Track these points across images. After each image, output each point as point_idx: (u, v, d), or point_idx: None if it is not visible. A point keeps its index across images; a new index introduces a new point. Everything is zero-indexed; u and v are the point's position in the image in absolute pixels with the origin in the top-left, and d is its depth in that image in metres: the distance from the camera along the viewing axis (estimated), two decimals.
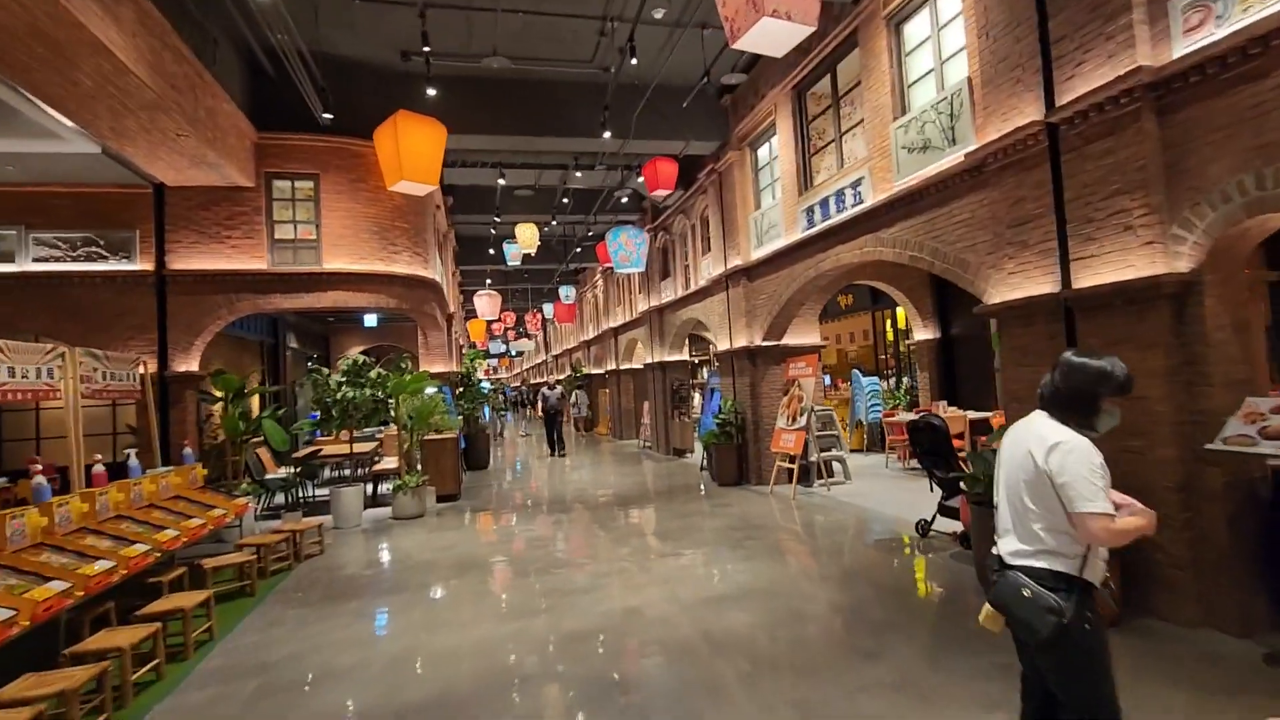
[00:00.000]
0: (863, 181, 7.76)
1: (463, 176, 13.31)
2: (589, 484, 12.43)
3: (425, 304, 10.52)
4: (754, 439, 10.92)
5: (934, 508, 6.96)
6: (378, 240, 9.69)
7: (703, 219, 13.50)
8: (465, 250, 20.73)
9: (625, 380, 20.73)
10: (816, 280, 9.17)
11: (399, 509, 9.58)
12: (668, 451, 15.97)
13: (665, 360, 15.87)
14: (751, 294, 10.97)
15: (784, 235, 9.72)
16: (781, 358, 10.76)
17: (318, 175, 9.39)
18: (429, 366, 14.31)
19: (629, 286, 19.64)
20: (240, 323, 13.08)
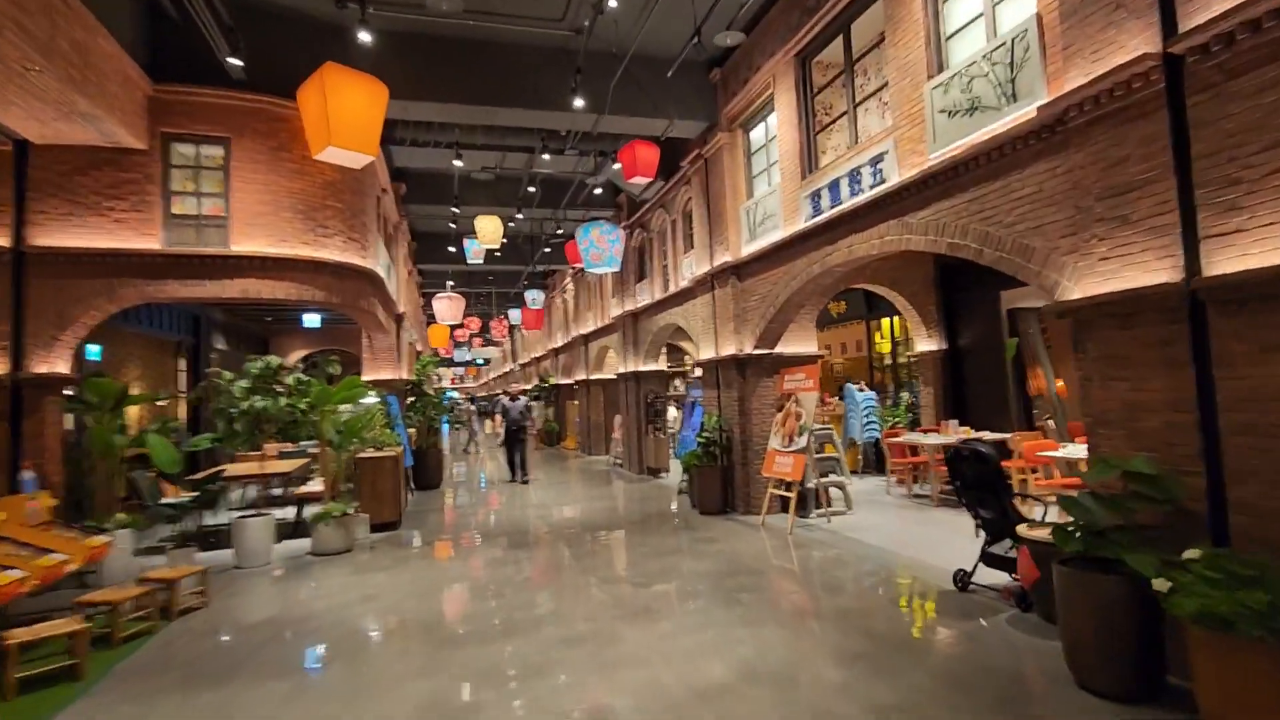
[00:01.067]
0: (885, 157, 6.47)
1: (414, 157, 11.78)
2: (552, 509, 10.89)
3: (361, 298, 8.93)
4: (742, 461, 9.53)
5: (969, 550, 5.63)
6: (303, 220, 8.10)
7: (685, 213, 12.15)
8: (424, 248, 19.11)
9: (595, 391, 19.25)
10: (821, 278, 7.85)
11: (320, 543, 7.95)
12: (641, 470, 14.51)
13: (640, 370, 14.44)
14: (742, 295, 9.62)
15: (782, 226, 8.40)
16: (775, 369, 9.41)
17: (229, 140, 7.78)
18: (374, 373, 12.66)
19: (601, 290, 18.21)
20: (154, 319, 11.35)
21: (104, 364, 11.90)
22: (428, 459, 13.65)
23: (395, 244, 13.45)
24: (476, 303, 28.24)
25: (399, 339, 13.10)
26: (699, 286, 10.81)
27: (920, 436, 9.95)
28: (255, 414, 7.37)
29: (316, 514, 7.90)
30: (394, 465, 9.44)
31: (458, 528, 9.73)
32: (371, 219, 9.51)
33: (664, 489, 12.45)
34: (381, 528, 9.33)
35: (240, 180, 7.78)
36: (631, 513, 10.32)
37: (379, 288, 9.82)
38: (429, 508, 11.43)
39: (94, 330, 11.89)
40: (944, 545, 7.07)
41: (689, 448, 11.48)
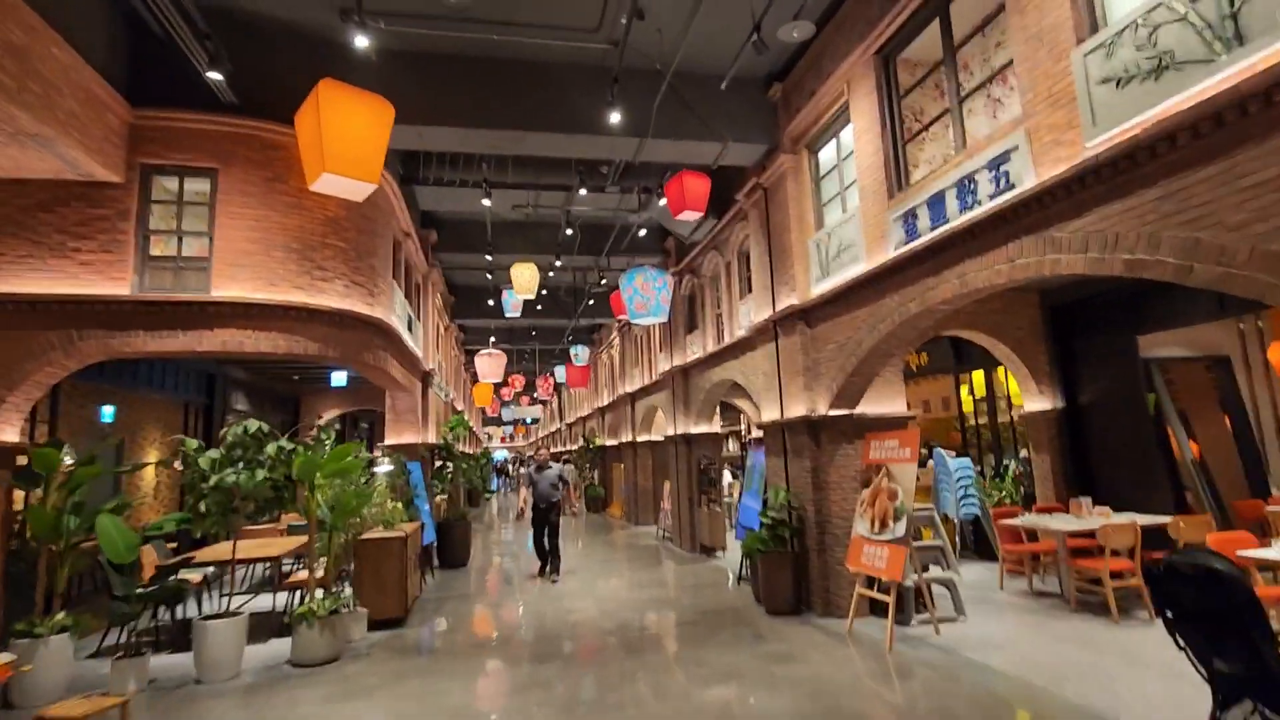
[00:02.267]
0: (1012, 156, 4.89)
1: (443, 200, 10.79)
2: (589, 600, 9.18)
3: (366, 352, 7.70)
4: (818, 547, 7.70)
5: (1161, 692, 3.72)
6: (298, 261, 7.00)
7: (741, 254, 10.72)
8: (464, 303, 18.22)
9: (643, 454, 17.63)
10: (918, 320, 6.21)
11: (300, 649, 6.48)
12: (693, 548, 12.67)
13: (690, 433, 12.80)
14: (812, 344, 8.00)
15: (864, 258, 6.84)
16: (858, 433, 7.68)
17: (216, 171, 6.81)
18: (396, 436, 11.45)
19: (648, 344, 16.82)
20: (155, 377, 10.45)
21: (116, 427, 11.07)
22: (454, 533, 12.21)
23: (424, 295, 12.43)
24: (520, 360, 27.31)
25: (425, 398, 11.91)
26: (759, 336, 9.24)
27: (1043, 519, 7.93)
28: (227, 490, 6.07)
29: (298, 612, 6.46)
30: (401, 548, 7.99)
31: (474, 628, 8.12)
32: (384, 263, 8.40)
33: (719, 573, 10.59)
34: (383, 624, 7.82)
35: (227, 216, 6.75)
36: (683, 608, 8.52)
37: (392, 341, 8.62)
38: (448, 593, 9.88)
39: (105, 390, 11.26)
40: (1119, 680, 5.09)
41: (749, 520, 9.70)
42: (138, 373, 10.38)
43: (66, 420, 10.06)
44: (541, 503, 10.33)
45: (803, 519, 7.98)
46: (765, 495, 8.79)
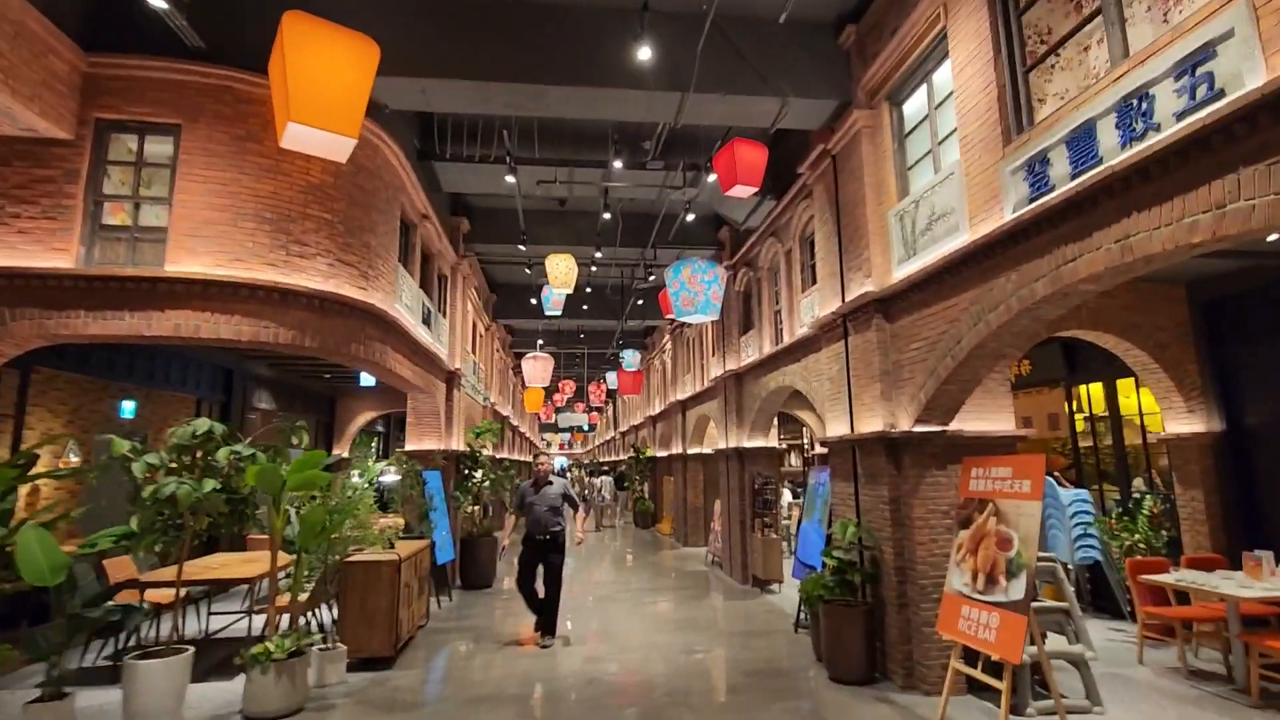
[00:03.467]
0: (1219, 50, 3.23)
1: (467, 179, 9.66)
2: (621, 642, 7.77)
3: (355, 343, 6.58)
4: (898, 599, 6.05)
5: None
6: (270, 234, 5.94)
7: (804, 238, 9.15)
8: (505, 301, 17.25)
9: (693, 469, 16.14)
10: (1043, 307, 4.55)
11: (252, 699, 5.34)
12: (744, 579, 11.08)
13: (744, 446, 11.24)
14: (893, 343, 6.39)
15: (966, 227, 5.22)
16: (951, 456, 6.02)
17: (179, 127, 5.83)
18: (417, 442, 10.40)
19: (700, 347, 15.35)
20: (172, 371, 9.72)
21: (137, 423, 10.48)
22: (478, 551, 11.05)
23: (452, 288, 11.39)
24: (571, 365, 26.28)
25: (449, 401, 10.83)
26: (824, 334, 7.67)
27: (1206, 579, 6.02)
28: (163, 504, 5.01)
29: (250, 653, 5.33)
30: (392, 574, 6.82)
31: (476, 676, 6.83)
32: (386, 243, 7.29)
33: (774, 614, 8.99)
34: (368, 665, 6.65)
35: (189, 179, 5.76)
36: (727, 664, 7.00)
37: (394, 333, 7.50)
38: (459, 622, 8.67)
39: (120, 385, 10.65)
40: None
41: (809, 555, 8.10)
42: (154, 366, 9.70)
43: (79, 416, 9.47)
44: (537, 533, 7.28)
45: (878, 562, 6.34)
46: (831, 529, 7.18)
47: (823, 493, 8.25)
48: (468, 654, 7.38)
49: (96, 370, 8.99)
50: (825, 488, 8.16)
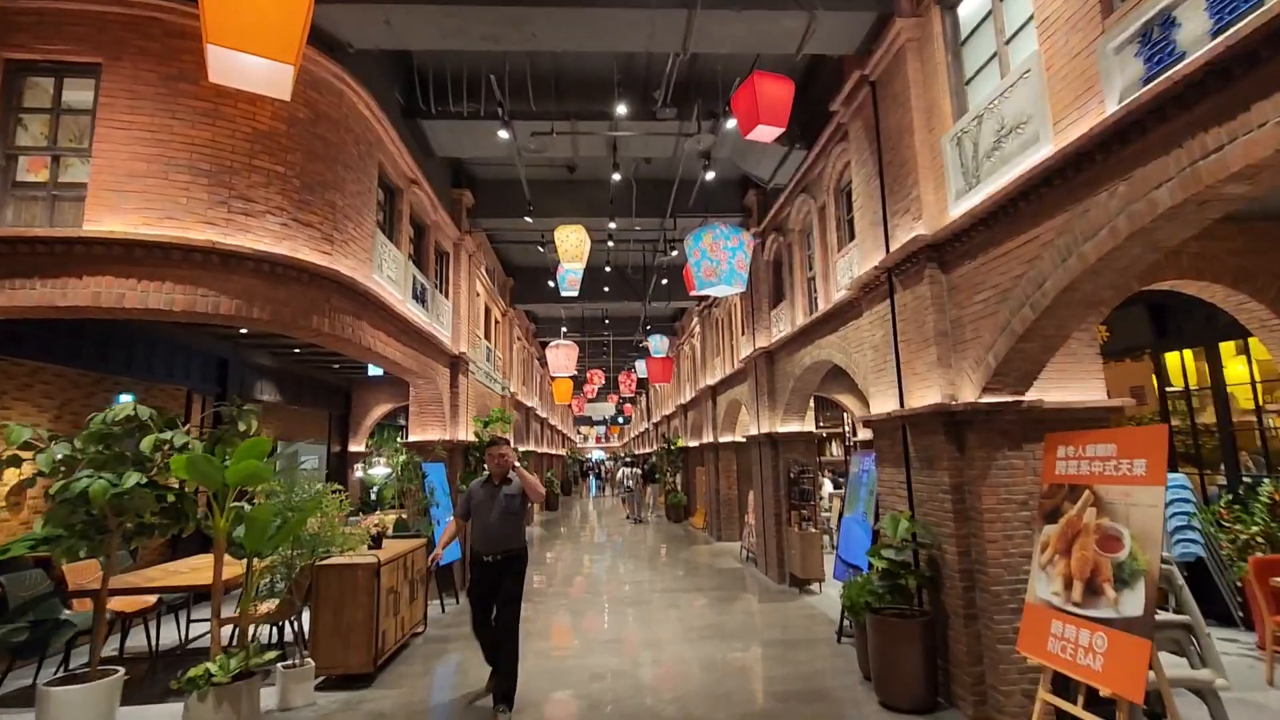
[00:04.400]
0: None
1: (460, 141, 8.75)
2: (642, 654, 6.81)
3: (318, 316, 5.73)
4: (964, 610, 4.92)
5: None
6: (209, 188, 5.12)
7: (839, 190, 8.00)
8: (524, 286, 16.41)
9: (726, 457, 15.07)
10: (1158, 229, 3.39)
11: None
12: (780, 578, 10.00)
13: (777, 431, 10.14)
14: (951, 296, 5.25)
15: (1049, 135, 4.05)
16: (1028, 433, 4.87)
17: (99, 66, 5.04)
18: (420, 433, 9.60)
19: (728, 327, 14.25)
20: (160, 360, 9.10)
21: None
22: None
23: (455, 266, 10.55)
24: (599, 354, 25.40)
25: (454, 388, 10.01)
26: (865, 295, 6.53)
27: None
28: (76, 500, 4.23)
29: (188, 676, 4.52)
30: (370, 580, 5.98)
31: (470, 694, 5.95)
32: (358, 204, 6.43)
33: (814, 620, 7.90)
34: (343, 683, 5.83)
35: (112, 126, 4.97)
36: (765, 682, 5.97)
37: (371, 308, 6.64)
38: (461, 630, 7.80)
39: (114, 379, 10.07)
40: None
41: (852, 554, 7.00)
42: (134, 355, 9.10)
43: (68, 411, 8.91)
44: (486, 551, 5.25)
45: (937, 564, 5.22)
46: (878, 524, 6.07)
47: (867, 481, 7.13)
48: (463, 667, 6.51)
49: (92, 363, 8.43)
50: (870, 475, 7.04)
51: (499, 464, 5.38)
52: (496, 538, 5.25)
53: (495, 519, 5.26)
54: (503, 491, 5.34)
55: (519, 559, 5.36)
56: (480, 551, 5.28)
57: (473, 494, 5.44)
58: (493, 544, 5.24)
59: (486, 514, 5.27)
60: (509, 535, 5.30)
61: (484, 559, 5.25)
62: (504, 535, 5.27)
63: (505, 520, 5.28)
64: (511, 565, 5.28)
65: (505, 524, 5.28)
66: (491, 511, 5.28)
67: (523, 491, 5.37)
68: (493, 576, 5.24)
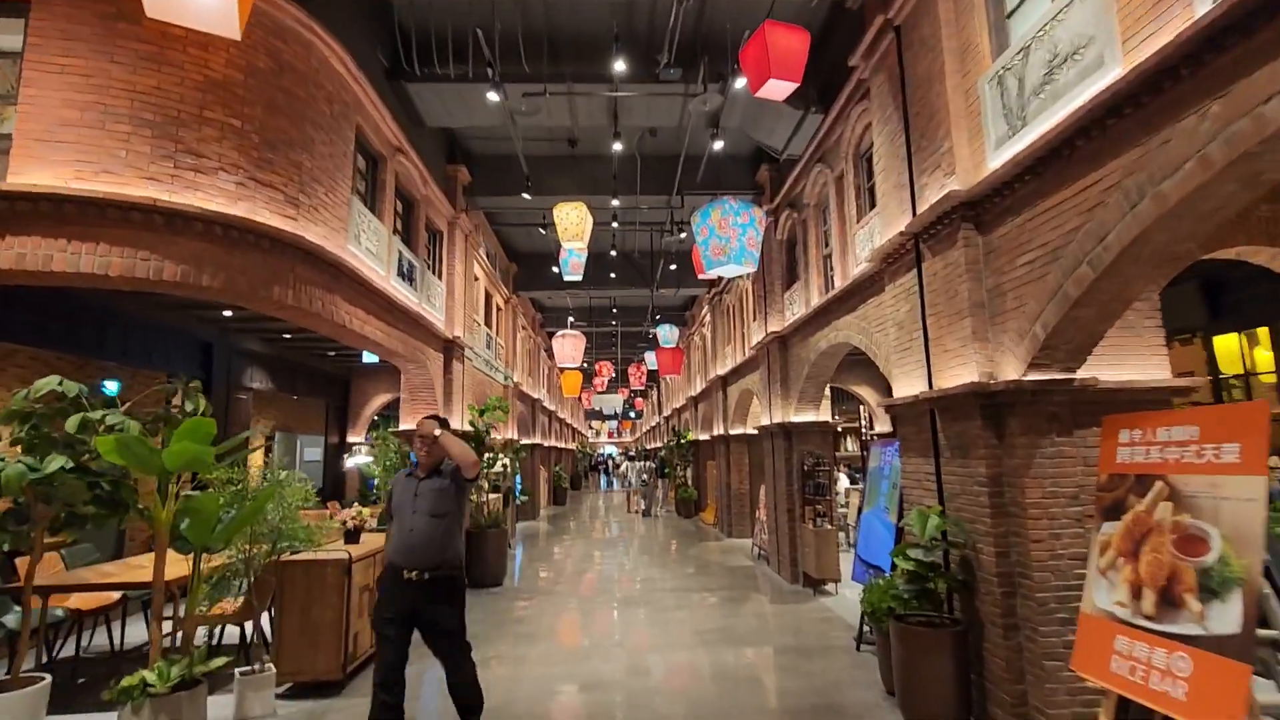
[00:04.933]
0: None
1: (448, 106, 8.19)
2: (639, 662, 6.23)
3: (282, 287, 5.19)
4: (1003, 619, 4.28)
5: None
6: (152, 140, 4.60)
7: (858, 156, 7.34)
8: (528, 273, 15.86)
9: (737, 451, 14.44)
10: (1265, 154, 2.72)
11: None
12: (794, 577, 9.38)
13: (790, 421, 9.51)
14: (989, 261, 4.59)
15: (1116, 56, 3.39)
16: (1081, 415, 4.22)
17: (27, 4, 4.51)
18: (410, 421, 9.08)
19: (740, 314, 13.60)
20: (120, 341, 8.61)
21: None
22: (485, 544, 9.69)
23: (450, 246, 10.00)
24: (609, 345, 24.85)
25: (448, 374, 9.48)
26: (888, 266, 5.88)
27: None
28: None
29: (121, 686, 4.00)
30: (340, 577, 5.45)
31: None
32: (328, 166, 5.89)
33: (830, 625, 7.28)
34: (309, 691, 5.31)
35: (42, 69, 4.45)
36: (775, 696, 5.37)
37: (343, 280, 6.09)
38: None
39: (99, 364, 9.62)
40: None
41: (873, 553, 6.37)
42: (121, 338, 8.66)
43: (45, 397, 8.49)
44: (406, 565, 3.88)
45: (971, 566, 4.59)
46: (903, 520, 5.42)
47: (889, 473, 6.48)
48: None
49: (71, 345, 8.01)
50: (892, 467, 6.40)
51: (421, 443, 4.04)
52: (419, 547, 3.85)
53: (417, 522, 3.90)
54: (428, 484, 3.99)
55: (450, 582, 3.92)
56: (396, 564, 3.89)
57: (394, 487, 4.16)
58: (414, 556, 3.85)
59: (407, 514, 3.95)
60: (437, 544, 3.87)
61: (402, 575, 3.84)
62: (429, 544, 3.85)
63: (431, 524, 3.89)
64: (441, 588, 3.87)
65: (432, 529, 3.88)
66: (414, 509, 3.93)
67: (456, 481, 4.01)
68: (412, 600, 3.83)
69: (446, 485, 4.00)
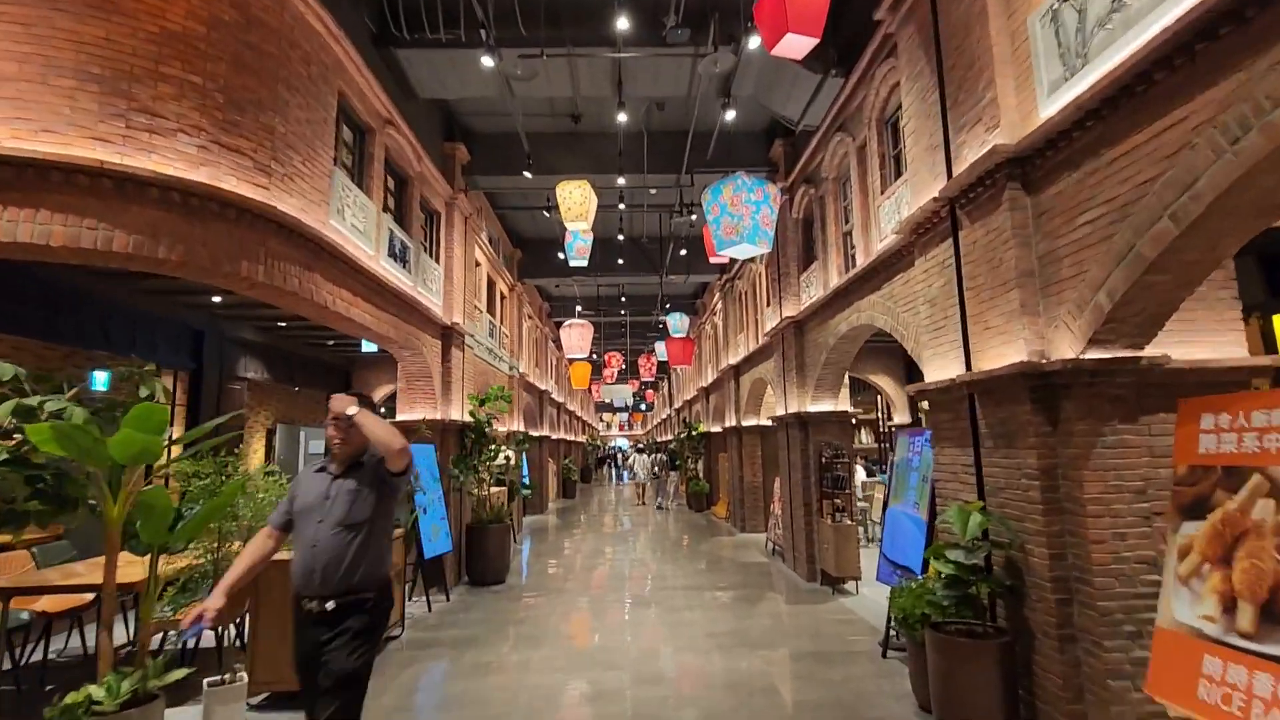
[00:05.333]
0: None
1: (440, 76, 7.70)
2: (643, 669, 5.77)
3: (251, 262, 4.73)
4: (1057, 630, 3.76)
5: None
6: (100, 97, 4.14)
7: (883, 119, 6.77)
8: (533, 259, 15.38)
9: (750, 442, 13.93)
10: None
11: None
12: (810, 575, 8.88)
13: (807, 411, 8.99)
14: (1040, 222, 4.04)
15: None
16: (1149, 399, 3.69)
17: None
18: (408, 411, 8.66)
19: (753, 301, 13.06)
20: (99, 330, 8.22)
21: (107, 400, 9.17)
22: (487, 540, 9.26)
23: (448, 227, 9.53)
24: (616, 336, 24.37)
25: (446, 362, 9.03)
26: (919, 237, 5.34)
27: None
28: None
29: (63, 704, 3.57)
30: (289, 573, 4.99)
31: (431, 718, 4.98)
32: (306, 132, 5.42)
33: (851, 628, 6.78)
34: (285, 702, 4.89)
35: None
36: (792, 711, 4.88)
37: (323, 258, 5.62)
38: (443, 634, 6.85)
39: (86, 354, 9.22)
40: None
41: (900, 552, 5.86)
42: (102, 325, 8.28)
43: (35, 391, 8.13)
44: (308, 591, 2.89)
45: (1019, 569, 4.07)
46: (941, 518, 4.90)
47: (918, 465, 5.96)
48: (433, 683, 5.53)
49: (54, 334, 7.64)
50: (922, 458, 5.87)
51: (334, 427, 2.99)
52: (322, 568, 2.84)
53: (323, 534, 2.87)
54: (344, 484, 2.97)
55: (361, 612, 2.89)
56: (300, 591, 2.90)
57: (297, 489, 3.09)
58: (315, 580, 2.84)
59: (310, 524, 2.92)
60: (348, 564, 2.86)
61: (304, 606, 2.88)
62: (336, 563, 2.84)
63: (341, 537, 2.87)
64: (351, 618, 2.86)
65: (341, 543, 2.86)
66: (319, 520, 2.91)
67: (381, 478, 2.99)
68: (314, 639, 2.85)
69: (367, 485, 2.96)
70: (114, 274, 7.89)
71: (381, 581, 3.02)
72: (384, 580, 3.04)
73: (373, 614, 2.94)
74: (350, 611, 2.87)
